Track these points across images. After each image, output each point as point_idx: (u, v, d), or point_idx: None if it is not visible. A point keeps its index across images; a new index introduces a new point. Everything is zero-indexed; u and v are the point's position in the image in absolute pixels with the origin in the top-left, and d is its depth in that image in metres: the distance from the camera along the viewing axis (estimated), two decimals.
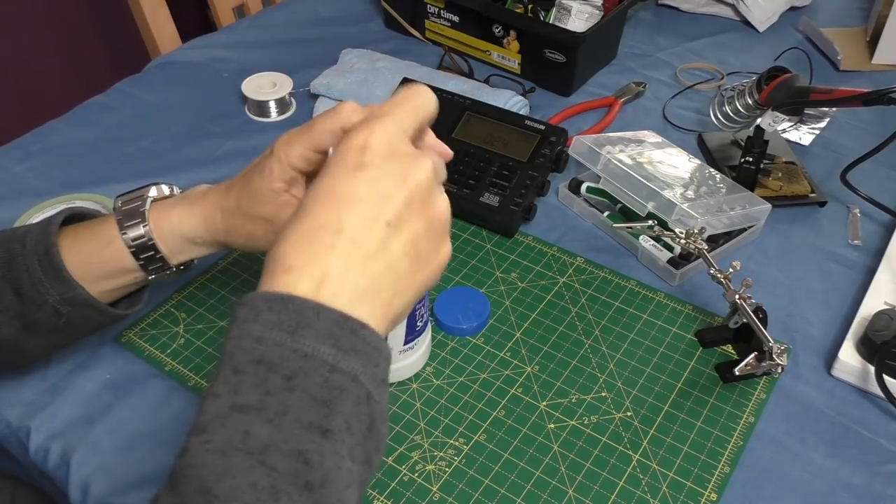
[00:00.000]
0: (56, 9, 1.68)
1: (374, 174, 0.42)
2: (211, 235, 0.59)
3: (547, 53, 1.02)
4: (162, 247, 0.58)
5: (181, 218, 0.58)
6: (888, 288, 0.74)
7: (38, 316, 0.57)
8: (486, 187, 0.83)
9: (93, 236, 0.58)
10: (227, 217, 0.57)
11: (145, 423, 0.64)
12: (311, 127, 0.53)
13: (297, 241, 0.41)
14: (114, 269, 0.58)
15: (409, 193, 0.43)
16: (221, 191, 0.59)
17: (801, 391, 0.68)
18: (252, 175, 0.56)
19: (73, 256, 0.57)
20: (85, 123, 0.98)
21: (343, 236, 0.40)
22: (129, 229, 0.57)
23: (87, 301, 0.57)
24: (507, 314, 0.74)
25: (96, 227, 0.59)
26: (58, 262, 0.56)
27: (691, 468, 0.62)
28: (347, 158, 0.42)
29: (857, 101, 0.80)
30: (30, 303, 0.57)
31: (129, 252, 0.57)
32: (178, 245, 0.59)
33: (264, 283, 0.40)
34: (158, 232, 0.58)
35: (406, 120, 0.46)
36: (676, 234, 0.74)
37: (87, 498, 0.60)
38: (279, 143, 0.54)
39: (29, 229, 0.58)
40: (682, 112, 1.03)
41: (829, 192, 0.88)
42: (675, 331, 0.73)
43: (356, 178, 0.42)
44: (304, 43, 1.15)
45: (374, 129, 0.43)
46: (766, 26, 1.20)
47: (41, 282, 0.56)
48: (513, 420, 0.65)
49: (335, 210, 0.41)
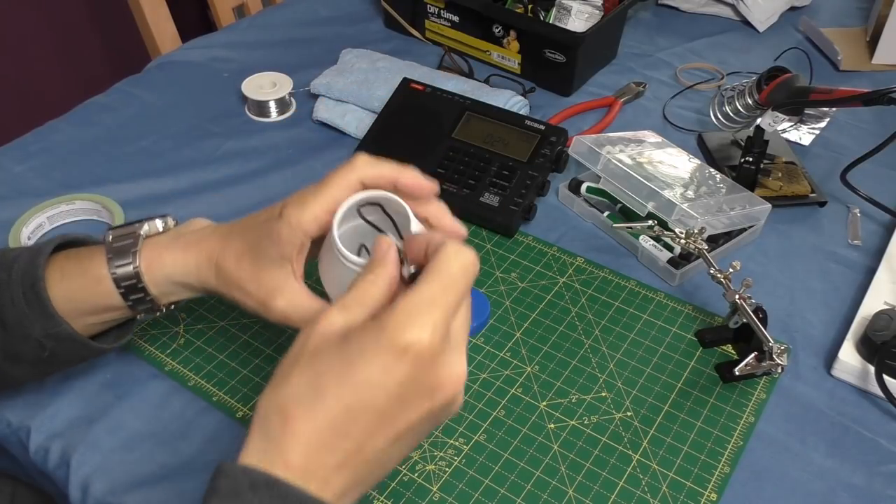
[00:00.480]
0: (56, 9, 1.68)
1: (404, 390, 0.40)
2: (202, 285, 0.56)
3: (547, 53, 1.02)
4: (151, 288, 0.56)
5: (174, 262, 0.56)
6: (888, 288, 0.74)
7: (22, 348, 0.55)
8: (486, 187, 0.83)
9: (81, 272, 0.56)
10: (220, 277, 0.55)
11: (145, 423, 0.64)
12: (324, 187, 0.50)
13: (305, 438, 0.39)
14: (101, 306, 0.56)
15: (432, 408, 0.41)
16: (218, 239, 0.55)
17: (801, 391, 0.68)
18: (259, 241, 0.53)
19: (61, 292, 0.55)
20: (85, 123, 0.98)
21: (350, 443, 0.40)
22: (119, 268, 0.55)
23: (71, 336, 0.55)
24: (507, 314, 0.74)
25: (85, 261, 0.56)
26: (44, 297, 0.54)
27: (691, 468, 0.62)
28: (384, 359, 0.39)
29: (857, 101, 0.80)
30: (14, 334, 0.55)
31: (118, 292, 0.55)
32: (168, 288, 0.57)
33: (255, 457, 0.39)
34: (149, 274, 0.55)
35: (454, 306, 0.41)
36: (676, 234, 0.74)
37: (87, 498, 0.60)
38: (290, 206, 0.51)
39: (18, 255, 0.56)
40: (682, 112, 1.03)
41: (829, 192, 0.88)
42: (675, 331, 0.73)
43: (386, 388, 0.39)
44: (304, 43, 1.15)
45: (420, 330, 0.39)
46: (766, 26, 1.20)
47: (25, 315, 0.54)
48: (513, 420, 0.65)
49: (353, 417, 0.39)
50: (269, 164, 0.92)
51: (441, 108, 0.90)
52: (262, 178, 0.90)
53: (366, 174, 0.50)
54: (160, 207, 0.85)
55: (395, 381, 0.39)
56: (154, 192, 0.88)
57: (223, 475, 0.38)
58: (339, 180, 0.50)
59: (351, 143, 0.94)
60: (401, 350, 0.39)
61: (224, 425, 0.64)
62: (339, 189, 0.50)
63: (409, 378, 0.40)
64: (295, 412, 0.39)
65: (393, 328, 0.39)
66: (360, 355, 0.40)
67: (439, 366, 0.40)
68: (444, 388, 0.41)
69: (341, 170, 0.50)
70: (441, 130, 0.88)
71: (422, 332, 0.39)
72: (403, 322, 0.39)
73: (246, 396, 0.66)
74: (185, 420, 0.65)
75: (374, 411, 0.40)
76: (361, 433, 0.40)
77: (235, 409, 0.65)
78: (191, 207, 0.86)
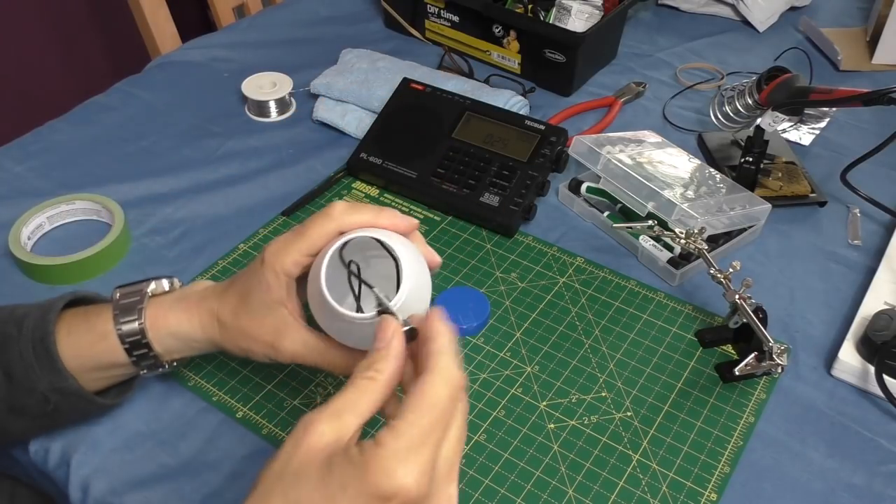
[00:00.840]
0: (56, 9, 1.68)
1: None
2: (209, 342, 0.58)
3: (547, 53, 1.02)
4: (156, 346, 0.57)
5: (178, 322, 0.57)
6: (888, 288, 0.74)
7: (27, 401, 0.56)
8: (486, 187, 0.83)
9: (88, 328, 0.57)
10: (224, 331, 0.57)
11: (145, 423, 0.64)
12: (304, 232, 0.52)
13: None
14: (106, 363, 0.57)
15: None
16: (215, 297, 0.57)
17: (801, 391, 0.68)
18: (250, 291, 0.54)
19: (67, 348, 0.56)
20: (85, 123, 0.98)
21: None
22: (125, 325, 0.56)
23: (77, 392, 0.56)
24: (507, 314, 0.74)
25: (92, 318, 0.57)
26: (53, 351, 0.55)
27: (691, 468, 0.62)
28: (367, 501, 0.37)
29: (857, 101, 0.80)
30: (19, 387, 0.56)
31: (122, 347, 0.56)
32: (173, 346, 0.58)
33: None
34: (154, 332, 0.57)
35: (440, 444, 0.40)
36: (676, 234, 0.74)
37: (87, 498, 0.60)
38: (270, 253, 0.53)
39: (28, 312, 0.57)
40: (682, 112, 1.03)
41: (829, 192, 0.88)
42: (675, 331, 0.73)
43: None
44: (304, 43, 1.15)
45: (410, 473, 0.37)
46: (766, 26, 1.20)
47: (33, 369, 0.55)
48: (513, 420, 0.65)
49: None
50: (269, 164, 0.92)
51: (441, 108, 0.90)
52: (262, 178, 0.90)
53: (344, 222, 0.52)
54: (160, 207, 0.85)
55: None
56: (154, 192, 0.88)
57: None
58: (318, 230, 0.52)
59: (351, 143, 0.94)
60: (384, 498, 0.37)
61: (224, 425, 0.64)
62: (319, 238, 0.52)
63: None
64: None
65: (377, 471, 0.37)
66: (341, 493, 0.37)
67: None
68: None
69: (319, 218, 0.52)
70: (441, 130, 0.88)
71: (407, 477, 0.37)
72: (389, 467, 0.37)
73: (246, 396, 0.66)
74: (185, 420, 0.65)
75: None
76: None
77: (235, 409, 0.65)
78: (191, 207, 0.86)
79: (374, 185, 0.89)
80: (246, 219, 0.84)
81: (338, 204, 0.52)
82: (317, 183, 0.89)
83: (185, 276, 0.77)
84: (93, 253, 0.76)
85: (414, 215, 0.85)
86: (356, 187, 0.89)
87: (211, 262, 0.79)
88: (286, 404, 0.66)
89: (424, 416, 0.39)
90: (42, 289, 0.76)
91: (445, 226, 0.84)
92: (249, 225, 0.84)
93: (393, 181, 0.87)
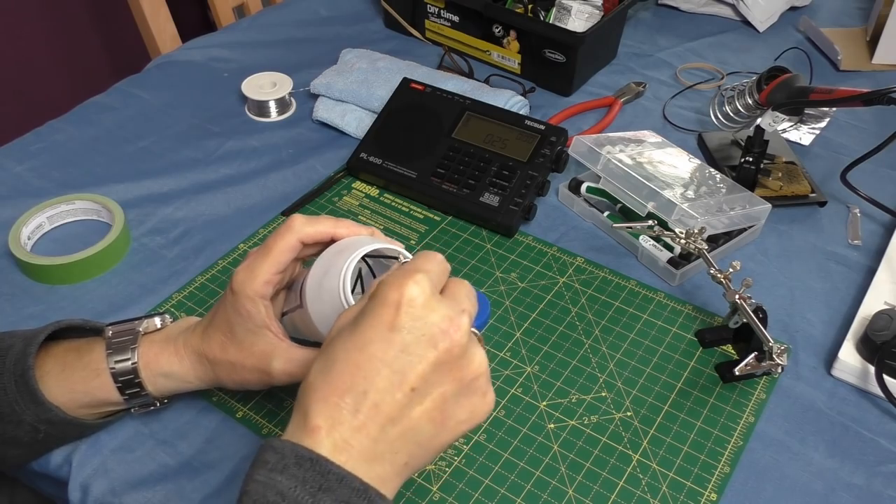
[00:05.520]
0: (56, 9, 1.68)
1: (406, 338, 0.43)
2: (201, 381, 0.59)
3: (547, 53, 1.02)
4: (149, 386, 0.58)
5: (170, 364, 0.58)
6: (888, 288, 0.74)
7: (17, 433, 0.57)
8: (486, 187, 0.83)
9: (82, 365, 0.57)
10: (217, 368, 0.57)
11: (145, 423, 0.64)
12: (268, 252, 0.54)
13: (323, 401, 0.43)
14: (99, 399, 0.58)
15: (438, 357, 0.43)
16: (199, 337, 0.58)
17: (801, 391, 0.68)
18: (231, 324, 0.56)
19: (62, 383, 0.57)
20: (85, 123, 0.98)
21: (367, 400, 0.42)
22: (118, 364, 0.57)
23: (64, 420, 0.57)
24: (507, 314, 0.74)
25: (86, 355, 0.58)
26: (33, 385, 0.55)
27: (691, 468, 0.62)
28: (382, 315, 0.43)
29: (857, 101, 0.80)
30: (7, 420, 0.56)
31: (115, 386, 0.57)
32: (165, 386, 0.59)
33: (291, 433, 0.43)
34: (146, 372, 0.58)
35: (437, 276, 0.46)
36: (676, 234, 0.74)
37: (87, 498, 0.60)
38: (238, 282, 0.55)
39: (12, 344, 0.57)
40: (682, 112, 1.03)
41: (829, 192, 0.88)
42: (675, 331, 0.73)
43: (388, 340, 0.43)
44: (304, 43, 1.15)
45: (409, 286, 0.43)
46: (766, 26, 1.20)
47: (17, 403, 0.55)
48: (513, 420, 0.65)
49: (363, 372, 0.42)
50: (269, 164, 0.92)
51: (441, 108, 0.90)
52: (262, 178, 0.90)
53: (304, 233, 0.55)
54: (160, 207, 0.85)
55: (393, 332, 0.43)
56: (154, 192, 0.88)
57: (271, 449, 0.41)
58: (280, 244, 0.54)
59: (351, 143, 0.94)
60: (394, 303, 0.43)
61: (224, 425, 0.64)
62: (282, 252, 0.54)
63: (405, 327, 0.43)
64: (317, 382, 0.43)
65: (384, 287, 0.44)
66: (361, 318, 0.44)
67: (433, 314, 0.43)
68: (446, 337, 0.43)
69: (281, 233, 0.55)
70: (441, 130, 0.88)
71: (410, 286, 0.43)
72: (393, 282, 0.44)
73: (246, 396, 0.66)
74: (185, 420, 0.65)
75: (381, 364, 0.42)
76: (376, 388, 0.42)
77: (235, 409, 0.65)
78: (191, 207, 0.86)
79: (374, 185, 0.89)
80: (246, 219, 0.84)
81: (296, 216, 0.55)
82: (317, 183, 0.89)
83: (185, 276, 0.77)
84: (93, 253, 0.76)
85: (414, 215, 0.85)
86: (356, 187, 0.89)
87: (211, 262, 0.79)
88: (286, 404, 0.66)
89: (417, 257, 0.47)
90: (42, 289, 0.76)
91: (445, 226, 0.84)
92: (249, 225, 0.84)
93: (393, 181, 0.87)
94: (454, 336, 0.44)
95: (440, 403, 0.44)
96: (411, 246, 0.81)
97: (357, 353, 0.43)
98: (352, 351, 0.43)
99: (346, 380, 0.43)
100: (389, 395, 0.42)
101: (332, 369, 0.43)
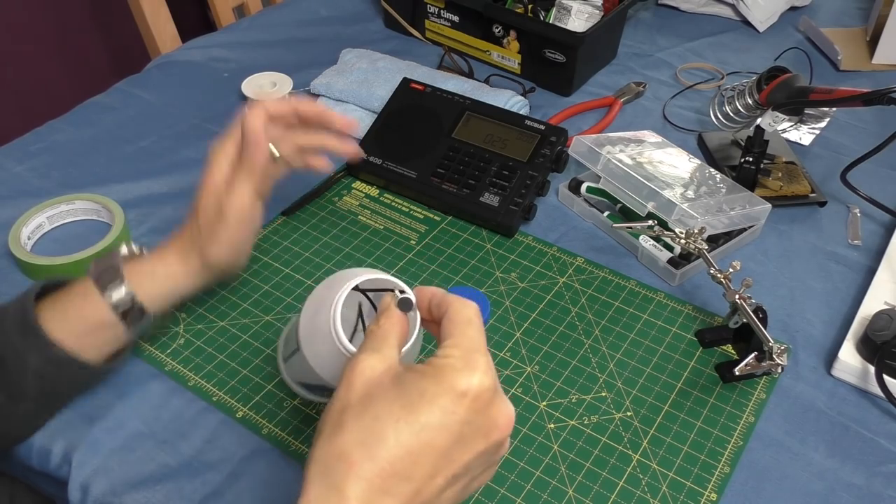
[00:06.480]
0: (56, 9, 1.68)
1: (463, 430, 0.41)
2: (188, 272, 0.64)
3: (547, 53, 1.02)
4: (141, 297, 0.61)
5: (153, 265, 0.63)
6: (888, 288, 0.74)
7: (23, 383, 0.58)
8: (486, 187, 0.83)
9: (71, 296, 0.60)
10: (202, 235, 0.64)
11: (145, 423, 0.64)
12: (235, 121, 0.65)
13: (367, 483, 0.39)
14: (93, 322, 0.60)
15: (486, 449, 0.42)
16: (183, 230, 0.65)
17: (801, 391, 0.68)
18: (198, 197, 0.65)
19: (53, 318, 0.59)
20: (85, 123, 0.98)
21: (411, 486, 0.40)
22: (108, 284, 0.60)
23: (67, 359, 0.58)
24: (507, 314, 0.74)
25: (73, 287, 0.61)
26: (35, 324, 0.57)
27: (691, 468, 0.62)
28: (446, 403, 0.41)
29: (857, 101, 0.80)
30: (12, 371, 0.58)
31: (109, 307, 0.59)
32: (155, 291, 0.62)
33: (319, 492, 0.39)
34: (137, 286, 0.61)
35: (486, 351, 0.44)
36: (676, 234, 0.74)
37: (87, 498, 0.60)
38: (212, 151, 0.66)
39: (7, 304, 0.60)
40: (682, 112, 1.03)
41: (829, 192, 0.88)
42: (675, 331, 0.73)
43: (448, 430, 0.41)
44: (304, 43, 1.15)
45: (478, 376, 0.42)
46: (766, 26, 1.20)
47: (20, 347, 0.57)
48: None
49: (414, 458, 0.40)
50: None
51: (441, 108, 0.90)
52: None
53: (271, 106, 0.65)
54: (160, 207, 0.85)
55: (456, 422, 0.41)
56: (154, 192, 0.88)
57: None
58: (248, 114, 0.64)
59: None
60: (461, 393, 0.41)
61: (224, 425, 0.64)
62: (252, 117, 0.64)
63: (469, 419, 0.41)
64: (357, 457, 0.39)
65: (453, 372, 0.41)
66: (419, 398, 0.41)
67: (494, 407, 0.42)
68: (498, 429, 0.42)
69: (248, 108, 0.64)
70: (441, 130, 0.88)
71: (480, 376, 0.42)
72: (462, 367, 0.42)
73: (246, 396, 0.66)
74: (185, 420, 0.65)
75: (435, 453, 0.41)
76: (422, 475, 0.40)
77: (235, 409, 0.65)
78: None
79: (374, 185, 0.89)
80: None
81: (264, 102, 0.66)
82: (317, 183, 0.89)
83: None
84: (93, 253, 0.76)
85: (414, 215, 0.85)
86: (356, 187, 0.89)
87: None
88: (286, 404, 0.66)
89: (471, 329, 0.44)
90: None
91: (445, 226, 0.84)
92: None
93: (393, 181, 0.87)
94: (506, 431, 0.43)
95: (468, 485, 0.44)
96: (411, 246, 0.81)
97: (412, 437, 0.40)
98: (405, 433, 0.40)
99: (395, 464, 0.40)
100: (432, 481, 0.41)
101: (379, 447, 0.40)
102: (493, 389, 0.42)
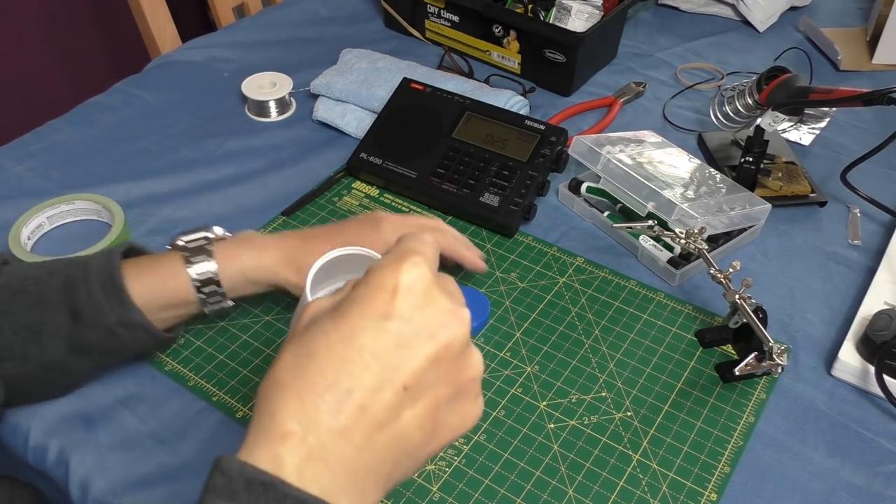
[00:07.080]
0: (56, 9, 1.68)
1: (401, 329, 0.37)
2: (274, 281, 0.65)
3: (547, 53, 1.02)
4: (225, 283, 0.63)
5: (250, 259, 0.64)
6: (888, 288, 0.74)
7: (92, 337, 0.60)
8: (486, 187, 0.83)
9: (159, 267, 0.62)
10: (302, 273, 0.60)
11: (145, 423, 0.64)
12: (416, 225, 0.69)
13: (297, 400, 0.36)
14: (174, 301, 0.62)
15: (437, 353, 0.37)
16: (299, 240, 0.66)
17: (801, 391, 0.68)
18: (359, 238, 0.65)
19: (138, 287, 0.60)
20: (85, 123, 0.98)
21: (352, 400, 0.36)
22: (197, 263, 0.62)
23: (142, 324, 0.60)
24: (507, 314, 0.74)
25: (162, 260, 0.63)
26: (121, 285, 0.59)
27: (691, 468, 0.62)
28: (374, 301, 0.37)
29: (857, 101, 0.80)
30: (86, 324, 0.59)
31: (193, 285, 0.62)
32: (240, 283, 0.64)
33: (253, 440, 0.36)
34: (223, 271, 0.63)
35: (433, 261, 0.40)
36: (676, 234, 0.74)
37: (87, 497, 0.60)
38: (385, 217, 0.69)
39: (91, 257, 0.62)
40: (682, 112, 1.03)
41: (829, 192, 0.88)
42: (675, 331, 0.73)
43: (381, 330, 0.36)
44: (304, 43, 1.15)
45: (406, 268, 0.37)
46: (766, 26, 1.20)
47: (102, 305, 0.59)
48: (513, 420, 0.65)
49: (349, 366, 0.36)
50: (269, 164, 0.92)
51: (441, 108, 0.90)
52: (262, 178, 0.90)
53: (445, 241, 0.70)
54: (160, 207, 0.85)
55: (391, 322, 0.37)
56: (154, 192, 0.88)
57: (220, 472, 0.35)
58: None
59: (351, 143, 0.94)
60: (391, 289, 0.37)
61: (224, 425, 0.64)
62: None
63: (406, 316, 0.37)
64: (288, 377, 0.36)
65: (380, 269, 0.38)
66: (349, 306, 0.37)
67: (434, 303, 0.38)
68: (447, 330, 0.37)
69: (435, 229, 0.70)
70: (441, 130, 0.88)
71: (409, 267, 0.37)
72: (389, 262, 0.38)
73: (246, 396, 0.66)
74: (185, 420, 0.65)
75: (372, 359, 0.36)
76: (363, 387, 0.36)
77: (235, 409, 0.65)
78: (191, 207, 0.86)
79: (374, 185, 0.89)
80: (246, 219, 0.84)
81: None
82: (317, 183, 0.89)
83: None
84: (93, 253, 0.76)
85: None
86: (356, 187, 0.89)
87: None
88: None
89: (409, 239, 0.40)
90: None
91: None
92: (249, 225, 0.83)
93: (393, 181, 0.87)
94: (456, 330, 0.38)
95: (433, 408, 0.37)
96: None
97: (342, 344, 0.36)
98: (335, 342, 0.36)
99: (327, 375, 0.36)
100: (378, 394, 0.36)
101: (309, 363, 0.36)
102: (430, 282, 0.38)
